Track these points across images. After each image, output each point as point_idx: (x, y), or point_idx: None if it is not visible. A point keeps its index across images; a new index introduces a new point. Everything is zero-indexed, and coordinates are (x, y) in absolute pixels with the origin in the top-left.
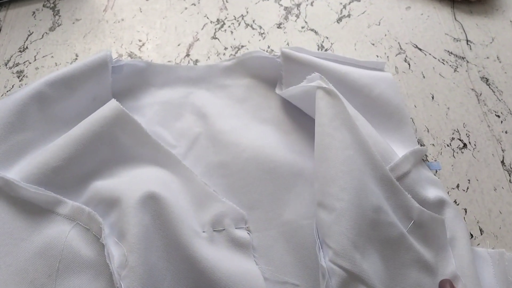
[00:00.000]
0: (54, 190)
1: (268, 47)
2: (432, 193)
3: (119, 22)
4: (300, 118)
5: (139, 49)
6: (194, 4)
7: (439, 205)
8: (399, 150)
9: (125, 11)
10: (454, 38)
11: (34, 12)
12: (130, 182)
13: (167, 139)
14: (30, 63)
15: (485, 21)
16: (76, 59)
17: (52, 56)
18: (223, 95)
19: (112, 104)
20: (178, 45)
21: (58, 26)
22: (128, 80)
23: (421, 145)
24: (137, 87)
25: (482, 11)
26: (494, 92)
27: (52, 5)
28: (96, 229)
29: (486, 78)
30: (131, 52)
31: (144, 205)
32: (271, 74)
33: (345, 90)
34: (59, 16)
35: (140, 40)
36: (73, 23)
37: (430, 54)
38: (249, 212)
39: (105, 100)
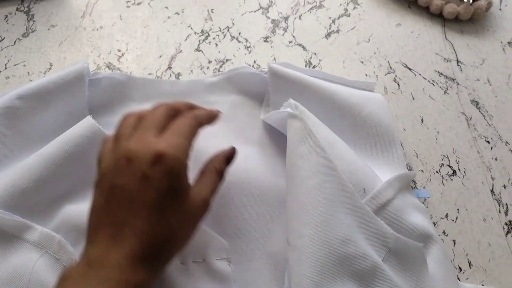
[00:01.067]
0: (22, 214)
1: (254, 61)
2: (417, 222)
3: (97, 30)
4: (284, 139)
5: (118, 59)
6: (177, 13)
7: (425, 239)
8: (386, 174)
9: (104, 18)
10: (445, 58)
11: (6, 16)
12: None
13: None
14: (0, 71)
15: (476, 41)
16: (51, 68)
17: (24, 65)
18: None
19: (88, 122)
20: (160, 56)
21: (32, 32)
22: (106, 94)
23: (409, 170)
24: (115, 102)
25: (473, 31)
26: (484, 116)
27: (26, 9)
28: (67, 259)
29: (476, 102)
30: (109, 62)
31: None
32: (257, 90)
33: (333, 109)
34: (34, 21)
35: (119, 50)
36: (48, 29)
37: (420, 74)
38: (231, 241)
39: (81, 115)
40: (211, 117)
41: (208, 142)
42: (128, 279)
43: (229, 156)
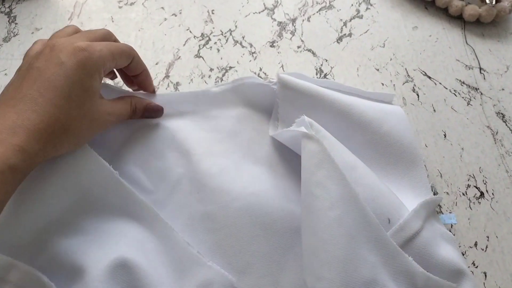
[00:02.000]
0: (3, 250)
1: (260, 69)
2: (448, 255)
3: None
4: (296, 158)
5: None
6: (174, 15)
7: (456, 275)
8: (409, 198)
9: (94, 20)
10: (466, 65)
11: None
12: (97, 244)
13: (142, 182)
14: None
15: (498, 46)
16: None
17: (6, 74)
18: (210, 127)
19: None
20: (156, 63)
21: (14, 36)
22: None
23: (434, 193)
24: None
25: (495, 35)
26: (511, 130)
27: (7, 10)
28: None
29: (502, 114)
30: None
31: (113, 276)
32: (265, 103)
33: (350, 126)
34: (16, 24)
35: None
36: (32, 33)
37: (440, 83)
38: (239, 277)
39: None
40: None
41: (213, 162)
42: (21, 145)
43: (152, 108)
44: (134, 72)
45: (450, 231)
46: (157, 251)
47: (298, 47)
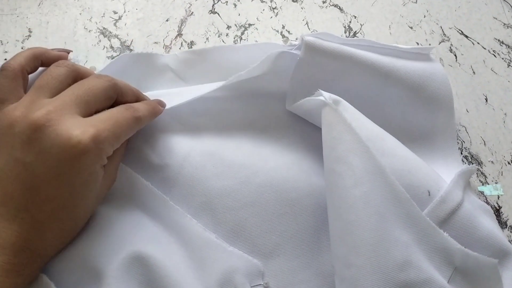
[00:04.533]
0: None
1: (283, 26)
2: (490, 229)
3: None
4: (318, 132)
5: (115, 24)
6: None
7: (499, 251)
8: (441, 169)
9: None
10: (504, 24)
11: None
12: (108, 238)
13: (151, 158)
14: None
15: None
16: (30, 36)
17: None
18: (221, 101)
19: None
20: (167, 20)
21: None
22: None
23: (478, 163)
24: None
25: None
26: None
27: None
28: None
29: None
30: (104, 28)
31: (128, 270)
32: (282, 73)
33: (389, 91)
34: None
35: (115, 12)
36: None
37: (478, 43)
38: (267, 261)
39: None
40: (153, 115)
41: (226, 135)
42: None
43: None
44: None
45: (496, 202)
46: (171, 240)
47: (324, 2)
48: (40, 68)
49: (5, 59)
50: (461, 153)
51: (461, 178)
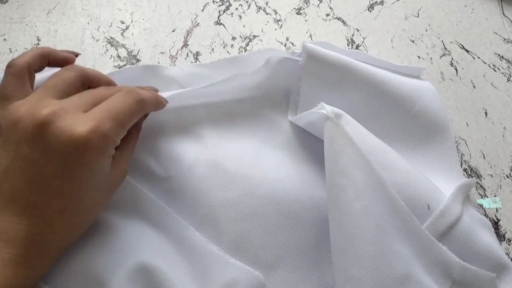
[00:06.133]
0: None
1: (287, 38)
2: (488, 243)
3: None
4: (320, 144)
5: (122, 34)
6: None
7: (497, 265)
8: (440, 182)
9: None
10: (504, 39)
11: None
12: (111, 250)
13: (155, 169)
14: None
15: None
16: (38, 44)
17: (5, 39)
18: (225, 110)
19: None
20: (173, 31)
21: None
22: None
23: (477, 176)
24: None
25: None
26: None
27: None
28: None
29: None
30: (111, 38)
31: (133, 282)
32: (284, 81)
33: (382, 103)
34: None
35: (122, 22)
36: None
37: (479, 57)
38: (268, 273)
39: None
40: (157, 103)
41: (230, 146)
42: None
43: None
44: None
45: (495, 215)
46: (174, 252)
47: (327, 15)
48: (47, 68)
49: None
50: (461, 166)
51: (460, 191)
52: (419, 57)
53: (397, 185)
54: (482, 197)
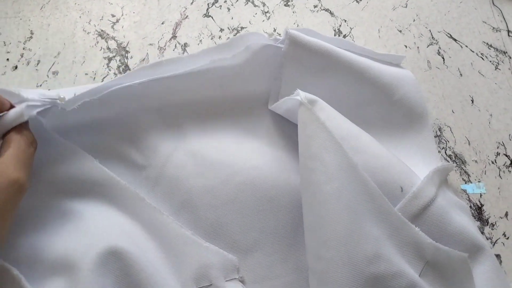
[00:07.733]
0: None
1: (274, 29)
2: (464, 225)
3: None
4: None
5: (112, 26)
6: None
7: (473, 246)
8: (419, 166)
9: None
10: (493, 28)
11: None
12: (83, 234)
13: (134, 158)
14: None
15: None
16: (32, 37)
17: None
18: (205, 101)
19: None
20: (162, 23)
21: None
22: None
23: (462, 162)
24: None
25: None
26: None
27: None
28: None
29: None
30: (102, 30)
31: (104, 264)
32: (266, 69)
33: (363, 90)
34: None
35: (113, 15)
36: None
37: (466, 46)
38: (244, 256)
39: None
40: None
41: (209, 135)
42: None
43: None
44: None
45: (479, 200)
46: (147, 237)
47: (315, 6)
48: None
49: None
50: (445, 152)
51: (436, 175)
52: (406, 46)
53: (369, 169)
54: (466, 183)
